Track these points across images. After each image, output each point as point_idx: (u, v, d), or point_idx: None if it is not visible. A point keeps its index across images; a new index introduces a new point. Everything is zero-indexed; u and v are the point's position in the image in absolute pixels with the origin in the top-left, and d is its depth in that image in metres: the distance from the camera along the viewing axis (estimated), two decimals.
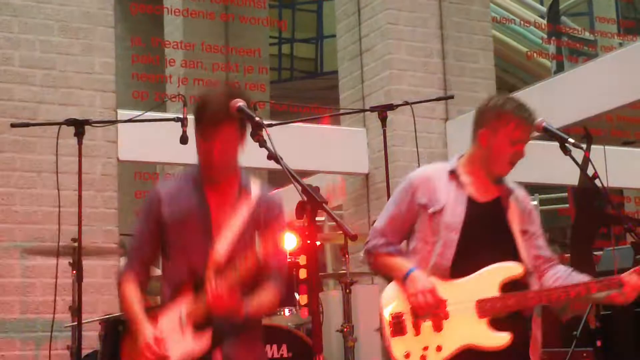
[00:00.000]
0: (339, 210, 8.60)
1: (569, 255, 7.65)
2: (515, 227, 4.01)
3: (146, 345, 3.60)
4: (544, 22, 12.10)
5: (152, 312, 3.72)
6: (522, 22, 11.81)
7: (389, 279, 4.04)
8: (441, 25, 8.39)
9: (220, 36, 9.93)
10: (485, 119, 4.06)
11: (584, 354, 5.58)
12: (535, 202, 11.35)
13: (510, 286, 3.87)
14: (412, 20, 8.30)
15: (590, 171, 4.33)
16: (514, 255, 3.93)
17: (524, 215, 4.05)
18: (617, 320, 6.05)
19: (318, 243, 3.44)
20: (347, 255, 5.99)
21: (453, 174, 4.06)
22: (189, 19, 9.51)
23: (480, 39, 8.64)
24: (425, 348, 3.87)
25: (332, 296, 6.75)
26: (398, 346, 3.90)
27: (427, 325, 3.88)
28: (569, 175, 7.14)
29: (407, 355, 3.87)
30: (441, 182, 4.07)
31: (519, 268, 3.89)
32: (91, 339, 5.86)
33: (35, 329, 6.41)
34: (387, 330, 3.92)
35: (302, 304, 5.37)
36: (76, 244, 5.26)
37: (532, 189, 11.54)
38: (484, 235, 3.99)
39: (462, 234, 3.96)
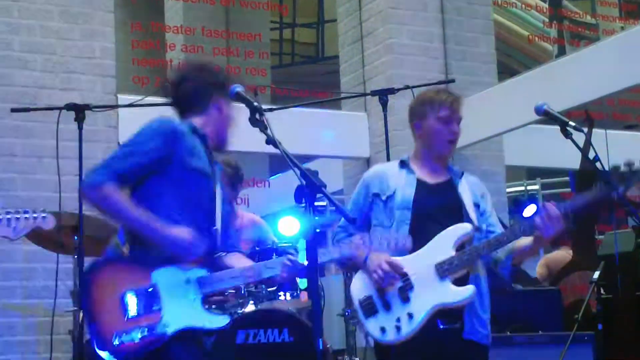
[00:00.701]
0: (340, 195, 8.60)
1: (571, 239, 7.67)
2: (467, 200, 4.23)
3: None
4: (545, 5, 12.04)
5: None
6: (523, 6, 11.74)
7: (356, 270, 4.19)
8: (442, 9, 8.37)
9: (220, 21, 9.92)
10: (414, 111, 4.40)
11: (585, 337, 5.58)
12: (537, 186, 11.39)
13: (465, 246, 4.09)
14: (413, 4, 8.28)
15: (591, 155, 4.33)
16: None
17: (476, 193, 4.29)
18: (618, 304, 6.06)
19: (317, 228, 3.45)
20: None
21: (403, 162, 4.34)
22: (190, 4, 9.48)
23: (481, 23, 8.62)
24: (398, 319, 4.01)
25: (333, 281, 6.76)
26: (372, 325, 4.05)
27: (395, 299, 4.03)
28: (571, 159, 7.14)
29: (383, 330, 4.02)
30: (392, 172, 4.34)
31: (469, 226, 4.09)
32: None
33: (37, 314, 6.42)
34: (361, 314, 4.08)
35: (302, 288, 5.37)
36: (76, 228, 5.28)
37: (534, 172, 11.60)
38: (435, 210, 4.20)
39: (413, 211, 4.18)
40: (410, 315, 3.98)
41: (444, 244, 4.07)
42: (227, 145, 3.99)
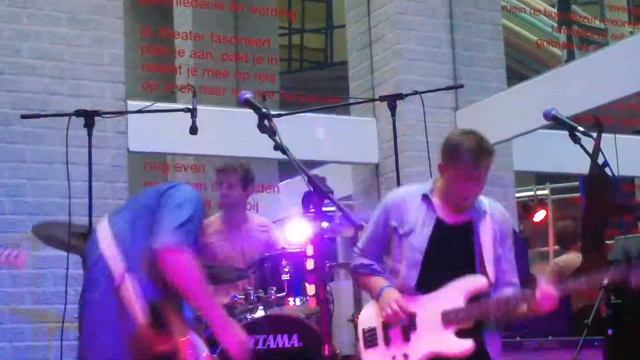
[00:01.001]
0: (349, 201, 8.59)
1: (580, 244, 7.64)
2: (487, 246, 4.14)
3: None
4: (554, 10, 12.03)
5: None
6: (532, 11, 11.74)
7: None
8: (451, 14, 8.35)
9: (229, 27, 9.91)
10: (442, 151, 4.25)
11: (595, 343, 5.56)
12: (546, 192, 11.37)
13: (476, 299, 4.06)
14: (422, 10, 8.26)
15: (600, 160, 4.33)
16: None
17: (497, 235, 4.17)
18: (628, 309, 6.04)
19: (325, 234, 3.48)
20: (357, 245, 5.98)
21: (425, 196, 4.24)
22: (198, 10, 9.49)
23: (490, 28, 8.60)
24: (394, 357, 4.09)
25: (343, 286, 6.75)
26: (369, 356, 4.18)
27: (396, 336, 4.10)
28: (580, 164, 7.12)
29: None
30: (413, 204, 4.27)
31: (482, 281, 4.05)
32: None
33: (46, 320, 6.42)
34: (361, 343, 4.20)
35: (310, 294, 5.36)
36: (86, 235, 5.28)
37: (543, 178, 11.58)
38: (448, 257, 4.16)
39: (425, 255, 4.16)
40: (406, 356, 4.06)
41: (455, 293, 4.06)
42: None
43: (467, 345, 3.97)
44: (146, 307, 3.50)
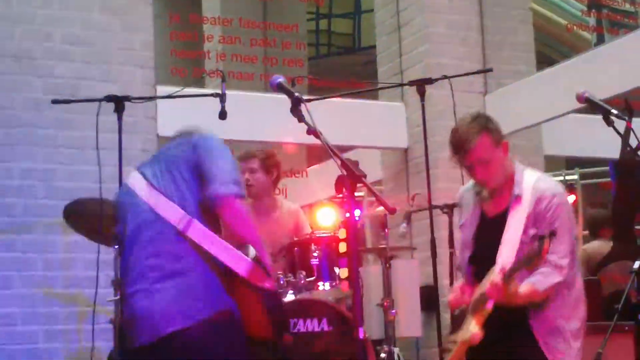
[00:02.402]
0: (378, 186, 8.59)
1: (611, 229, 7.61)
2: (511, 234, 4.07)
3: None
4: None
5: None
6: None
7: None
8: None
9: (258, 12, 9.93)
10: None
11: (626, 327, 5.56)
12: (576, 176, 11.30)
13: None
14: None
15: (632, 142, 4.30)
16: None
17: (530, 219, 4.07)
18: None
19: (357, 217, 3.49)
20: (386, 230, 5.99)
21: (476, 191, 4.28)
22: None
23: (519, 13, 8.57)
24: (454, 342, 4.14)
25: (371, 271, 6.75)
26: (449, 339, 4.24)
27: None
28: (610, 148, 7.09)
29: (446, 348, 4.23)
30: (470, 198, 4.34)
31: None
32: None
33: (78, 303, 6.47)
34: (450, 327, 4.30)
35: (342, 277, 5.37)
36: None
37: (573, 162, 11.51)
38: (487, 251, 4.11)
39: (472, 251, 4.26)
40: (454, 342, 4.13)
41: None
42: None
43: (472, 333, 3.97)
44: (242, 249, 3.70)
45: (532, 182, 4.16)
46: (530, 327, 4.05)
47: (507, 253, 4.00)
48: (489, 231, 4.17)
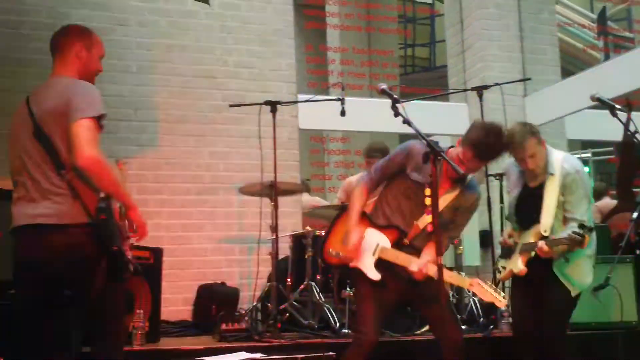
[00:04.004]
0: None
1: (615, 191, 7.39)
2: (547, 204, 4.01)
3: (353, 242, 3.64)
4: (594, 25, 11.56)
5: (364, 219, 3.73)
6: (579, 25, 11.30)
7: None
8: (520, 29, 8.11)
9: (365, 42, 9.88)
10: None
11: (627, 259, 5.40)
12: (589, 154, 10.95)
13: None
14: (499, 27, 8.04)
15: (632, 128, 4.17)
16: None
17: (564, 187, 4.01)
18: None
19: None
20: None
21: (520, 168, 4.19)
22: (344, 31, 9.50)
23: (548, 38, 8.33)
24: (503, 267, 4.17)
25: None
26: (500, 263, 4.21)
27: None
28: (614, 134, 6.85)
29: (497, 269, 4.21)
30: (514, 170, 4.27)
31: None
32: (284, 248, 5.98)
33: (248, 242, 6.56)
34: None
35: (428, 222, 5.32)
36: (273, 185, 5.38)
37: (587, 144, 11.15)
38: (526, 211, 4.10)
39: (517, 208, 4.19)
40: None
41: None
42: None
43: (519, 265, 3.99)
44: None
45: (560, 161, 4.08)
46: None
47: (547, 217, 3.96)
48: (530, 196, 4.09)
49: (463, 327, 5.17)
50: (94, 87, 3.15)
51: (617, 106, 4.20)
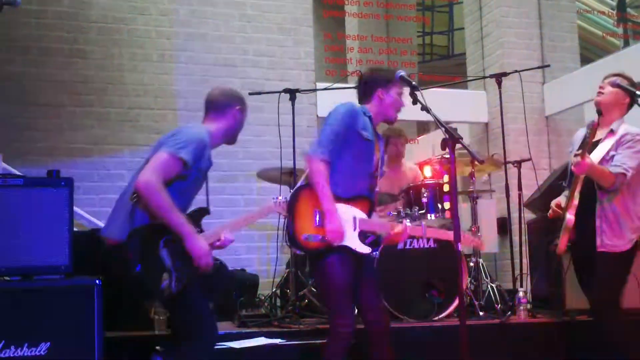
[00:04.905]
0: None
1: None
2: (598, 153, 4.01)
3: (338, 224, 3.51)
4: (614, 12, 11.42)
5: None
6: (598, 12, 11.16)
7: None
8: (539, 16, 8.03)
9: (383, 30, 9.83)
10: None
11: None
12: None
13: None
14: (518, 14, 7.96)
15: None
16: None
17: (614, 147, 4.03)
18: None
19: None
20: (473, 178, 5.90)
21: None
22: (363, 19, 9.45)
23: (568, 25, 8.24)
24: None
25: (463, 207, 6.67)
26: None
27: None
28: (633, 121, 6.77)
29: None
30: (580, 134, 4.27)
31: None
32: None
33: (267, 229, 6.52)
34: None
35: (446, 208, 5.32)
36: (292, 171, 5.39)
37: None
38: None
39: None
40: None
41: None
42: (390, 120, 3.83)
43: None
44: None
45: (624, 128, 4.09)
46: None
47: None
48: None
49: (481, 313, 5.19)
50: (199, 138, 3.50)
51: (637, 92, 4.16)
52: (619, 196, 3.94)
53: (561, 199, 4.17)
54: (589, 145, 3.86)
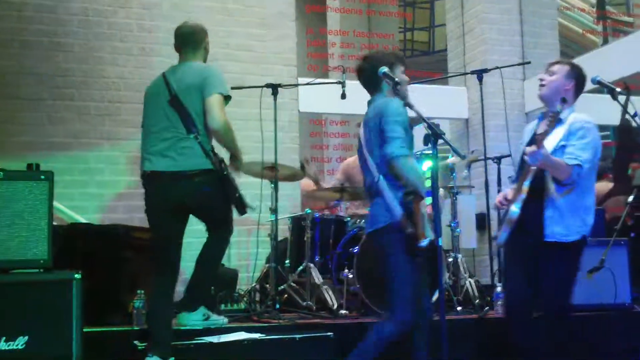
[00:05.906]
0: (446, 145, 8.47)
1: (610, 174, 7.39)
2: (549, 143, 3.85)
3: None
4: (594, 9, 11.51)
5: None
6: (578, 9, 11.25)
7: None
8: (520, 12, 8.10)
9: (365, 26, 9.84)
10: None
11: (622, 242, 5.42)
12: None
13: None
14: (500, 10, 8.02)
15: (631, 110, 4.18)
16: None
17: (565, 136, 3.96)
18: None
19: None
20: (454, 173, 5.92)
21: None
22: (345, 15, 9.47)
23: (548, 22, 8.31)
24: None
25: (443, 202, 6.70)
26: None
27: None
28: (612, 118, 6.86)
29: None
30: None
31: None
32: (283, 230, 5.98)
33: (247, 223, 6.53)
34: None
35: (428, 204, 5.32)
36: (273, 166, 5.39)
37: None
38: None
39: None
40: None
41: None
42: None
43: None
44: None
45: (572, 116, 4.05)
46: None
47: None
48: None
49: (459, 308, 5.21)
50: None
51: (618, 89, 4.21)
52: (571, 190, 3.78)
53: (508, 192, 3.97)
54: (543, 135, 3.68)
